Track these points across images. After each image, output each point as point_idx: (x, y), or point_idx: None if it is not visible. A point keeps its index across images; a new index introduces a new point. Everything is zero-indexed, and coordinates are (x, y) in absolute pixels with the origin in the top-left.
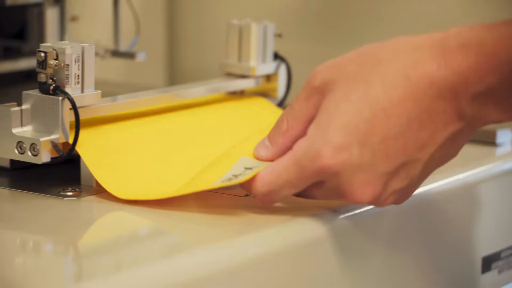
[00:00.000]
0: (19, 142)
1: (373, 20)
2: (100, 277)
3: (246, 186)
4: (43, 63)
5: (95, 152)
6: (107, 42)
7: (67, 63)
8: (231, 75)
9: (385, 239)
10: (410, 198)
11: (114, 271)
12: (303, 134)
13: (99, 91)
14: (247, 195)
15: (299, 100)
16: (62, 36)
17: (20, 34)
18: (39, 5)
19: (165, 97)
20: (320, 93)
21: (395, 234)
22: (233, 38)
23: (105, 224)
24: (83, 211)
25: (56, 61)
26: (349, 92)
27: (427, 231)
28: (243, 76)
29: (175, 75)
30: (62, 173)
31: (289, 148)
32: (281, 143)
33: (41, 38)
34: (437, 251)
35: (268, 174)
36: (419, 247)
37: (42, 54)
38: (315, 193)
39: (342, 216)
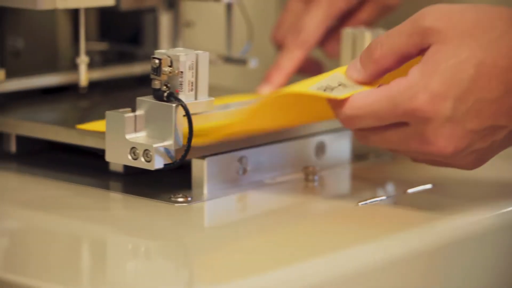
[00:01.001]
0: (132, 148)
1: None
2: (210, 283)
3: (333, 104)
4: (157, 70)
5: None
6: (221, 47)
7: (181, 70)
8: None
9: None
10: None
11: (225, 278)
12: (396, 67)
13: (212, 98)
14: (360, 203)
15: (400, 33)
16: (176, 41)
17: (135, 39)
18: (153, 11)
19: None
20: (426, 36)
21: None
22: (347, 45)
23: (216, 231)
24: (193, 217)
25: (170, 68)
26: (459, 50)
27: None
28: None
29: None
30: (174, 178)
31: (380, 76)
32: (372, 69)
33: (156, 44)
34: None
35: (359, 100)
36: None
37: (157, 61)
38: (391, 136)
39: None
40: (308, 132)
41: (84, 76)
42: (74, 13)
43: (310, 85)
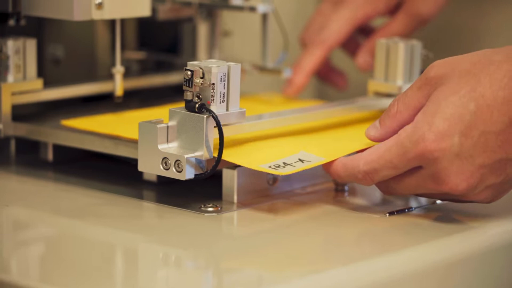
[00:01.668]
0: (164, 158)
1: None
2: None
3: (344, 169)
4: (189, 81)
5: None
6: (259, 56)
7: (213, 81)
8: (377, 94)
9: None
10: None
11: (255, 287)
12: (410, 120)
13: (244, 110)
14: (387, 214)
15: (412, 88)
16: (213, 50)
17: (173, 48)
18: (191, 20)
19: (312, 115)
20: (432, 84)
21: None
22: (381, 56)
23: (245, 240)
24: (223, 226)
25: (202, 80)
26: (458, 86)
27: None
28: (389, 95)
29: (322, 92)
30: (205, 188)
31: (396, 131)
32: (389, 125)
33: (193, 53)
34: None
35: (371, 154)
36: None
37: (189, 73)
38: (410, 182)
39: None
40: None
41: (119, 86)
42: (112, 22)
43: (266, 162)
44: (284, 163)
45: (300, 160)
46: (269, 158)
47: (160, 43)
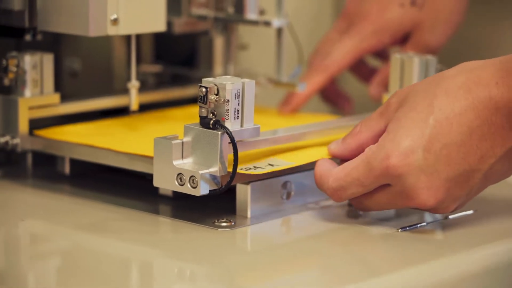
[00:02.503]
0: (179, 174)
1: None
2: None
3: (319, 182)
4: (204, 98)
5: None
6: (274, 70)
7: (227, 98)
8: None
9: None
10: None
11: None
12: (370, 142)
13: (258, 126)
14: (400, 229)
15: (376, 113)
16: (228, 64)
17: (188, 61)
18: (206, 33)
19: (326, 131)
20: (392, 110)
21: None
22: (395, 71)
23: (259, 255)
24: (237, 241)
25: (217, 97)
26: (415, 103)
27: None
28: None
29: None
30: (219, 201)
31: (354, 150)
32: (349, 142)
33: (210, 66)
34: None
35: (339, 172)
36: None
37: (204, 89)
38: (381, 199)
39: None
40: None
41: (134, 100)
42: (129, 36)
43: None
44: (254, 166)
45: (270, 164)
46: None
47: (176, 55)
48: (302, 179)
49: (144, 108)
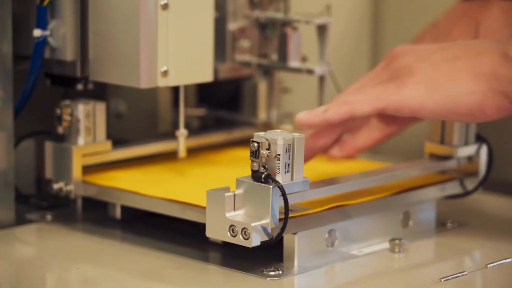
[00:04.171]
0: (231, 225)
1: None
2: None
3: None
4: (256, 153)
5: None
6: None
7: (278, 153)
8: (433, 155)
9: None
10: None
11: None
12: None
13: (308, 178)
14: (442, 279)
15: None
16: (271, 108)
17: (231, 103)
18: (250, 78)
19: (372, 180)
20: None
21: None
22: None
23: None
24: None
25: (268, 151)
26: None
27: None
28: (445, 157)
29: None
30: (268, 250)
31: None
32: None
33: (254, 110)
34: None
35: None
36: None
37: (255, 144)
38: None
39: None
40: (395, 204)
41: (182, 148)
42: None
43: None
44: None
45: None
46: None
47: (219, 98)
48: (347, 227)
49: (189, 150)
